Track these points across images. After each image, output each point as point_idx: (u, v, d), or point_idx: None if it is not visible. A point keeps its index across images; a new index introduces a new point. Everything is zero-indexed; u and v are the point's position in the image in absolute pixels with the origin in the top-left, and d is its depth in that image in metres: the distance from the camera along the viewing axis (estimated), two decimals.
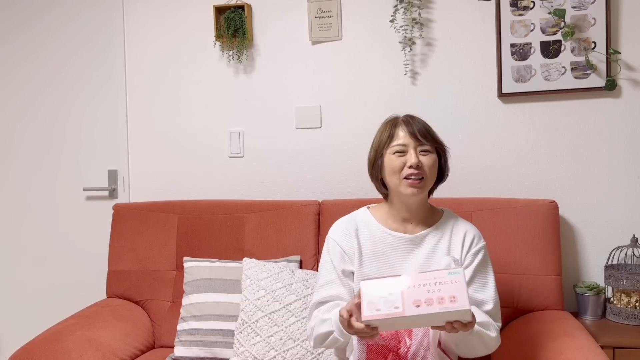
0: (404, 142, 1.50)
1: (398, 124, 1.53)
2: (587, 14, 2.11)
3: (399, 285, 1.21)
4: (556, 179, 2.19)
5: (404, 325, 1.27)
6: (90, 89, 2.60)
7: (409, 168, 1.47)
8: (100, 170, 2.61)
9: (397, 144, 1.50)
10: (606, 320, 2.03)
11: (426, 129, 1.52)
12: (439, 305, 1.16)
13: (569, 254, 2.17)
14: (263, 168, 2.44)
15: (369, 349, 1.38)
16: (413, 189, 1.48)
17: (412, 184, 1.48)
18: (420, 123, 1.53)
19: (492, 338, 1.40)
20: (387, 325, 1.23)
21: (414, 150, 1.49)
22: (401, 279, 1.22)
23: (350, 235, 1.55)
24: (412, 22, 2.24)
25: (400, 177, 1.49)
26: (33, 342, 1.84)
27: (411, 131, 1.50)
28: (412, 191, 1.48)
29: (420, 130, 1.51)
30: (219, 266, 2.07)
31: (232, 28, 2.36)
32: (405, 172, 1.48)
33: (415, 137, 1.50)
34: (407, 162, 1.48)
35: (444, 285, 1.18)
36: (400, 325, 1.27)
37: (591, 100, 2.15)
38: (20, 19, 2.65)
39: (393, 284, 1.21)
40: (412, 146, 1.49)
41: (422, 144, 1.50)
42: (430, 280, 1.20)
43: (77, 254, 2.62)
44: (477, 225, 1.69)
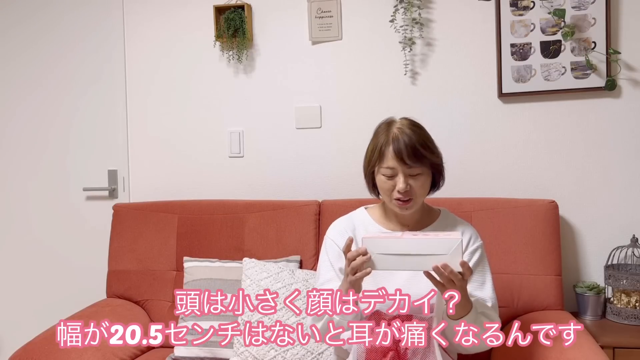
0: (392, 165, 1.45)
1: (388, 143, 1.46)
2: (587, 14, 2.11)
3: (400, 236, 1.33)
4: (556, 179, 2.19)
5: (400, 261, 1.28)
6: (90, 88, 2.60)
7: (398, 192, 1.46)
8: (100, 170, 2.61)
9: (386, 167, 1.46)
10: (606, 320, 2.03)
11: (416, 148, 1.43)
12: (435, 236, 1.30)
13: (569, 254, 2.17)
14: (263, 168, 2.44)
15: (369, 349, 1.38)
16: (402, 209, 1.49)
17: (401, 206, 1.48)
18: (411, 140, 1.44)
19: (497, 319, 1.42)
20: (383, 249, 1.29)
21: (402, 175, 1.44)
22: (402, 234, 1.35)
23: (348, 234, 1.55)
24: (412, 22, 2.24)
25: (390, 197, 1.48)
26: (33, 342, 1.84)
27: (399, 155, 1.43)
28: (402, 210, 1.49)
29: (409, 152, 1.42)
30: (219, 266, 2.07)
31: (232, 28, 2.36)
32: (394, 195, 1.47)
33: (403, 161, 1.43)
34: (396, 186, 1.45)
35: (440, 234, 1.35)
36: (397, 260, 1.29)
37: (591, 100, 2.15)
38: (19, 18, 2.64)
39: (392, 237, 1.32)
40: (400, 170, 1.44)
41: (410, 167, 1.44)
42: (430, 234, 1.36)
43: (77, 254, 2.62)
44: (477, 225, 1.69)
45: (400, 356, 1.39)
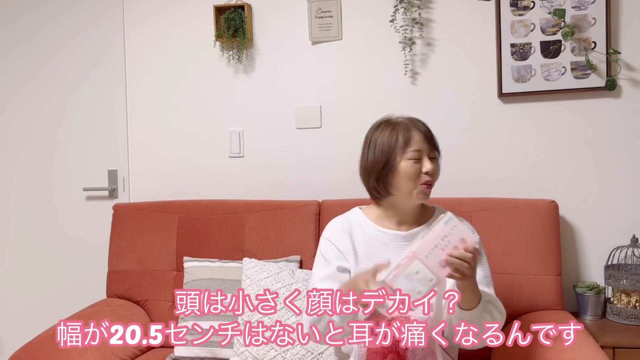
0: (419, 147, 1.48)
1: (410, 128, 1.50)
2: (587, 14, 2.11)
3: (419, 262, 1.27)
4: (556, 179, 2.19)
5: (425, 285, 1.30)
6: (90, 88, 2.60)
7: (426, 175, 1.47)
8: (100, 170, 2.61)
9: (413, 150, 1.47)
10: (606, 320, 2.03)
11: (432, 132, 1.52)
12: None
13: (569, 254, 2.17)
14: (263, 168, 2.44)
15: (369, 349, 1.38)
16: (425, 195, 1.50)
17: (426, 190, 1.49)
18: (427, 126, 1.52)
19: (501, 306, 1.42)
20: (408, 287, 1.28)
21: (427, 156, 1.48)
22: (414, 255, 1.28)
23: (344, 235, 1.56)
24: (412, 22, 2.24)
25: (416, 183, 1.48)
26: (33, 342, 1.84)
27: (427, 135, 1.49)
28: (424, 197, 1.50)
29: (430, 134, 1.51)
30: (219, 266, 2.08)
31: (232, 28, 2.36)
32: (422, 179, 1.47)
33: (429, 142, 1.49)
34: (423, 169, 1.47)
35: (449, 237, 1.28)
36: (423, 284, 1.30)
37: (591, 100, 2.15)
38: (16, 16, 2.64)
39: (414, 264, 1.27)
40: (425, 152, 1.48)
41: (432, 150, 1.50)
42: (437, 240, 1.28)
43: (77, 254, 2.62)
44: (477, 225, 1.69)
45: (400, 357, 1.39)
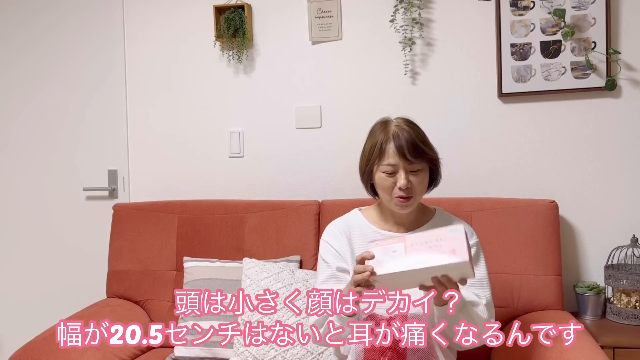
0: (393, 161, 1.45)
1: (388, 140, 1.47)
2: (587, 14, 2.11)
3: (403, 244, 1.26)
4: (556, 179, 2.19)
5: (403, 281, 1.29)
6: (90, 88, 2.60)
7: (399, 189, 1.46)
8: (100, 170, 2.61)
9: (386, 164, 1.46)
10: (606, 320, 2.03)
11: (416, 144, 1.46)
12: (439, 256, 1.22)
13: (569, 254, 2.17)
14: (263, 168, 2.44)
15: (367, 348, 1.38)
16: (401, 207, 1.49)
17: (402, 203, 1.47)
18: (411, 136, 1.46)
19: (482, 318, 1.40)
20: (388, 281, 1.27)
21: (403, 171, 1.45)
22: (405, 238, 1.27)
23: (342, 236, 1.57)
24: (412, 22, 2.24)
25: (391, 196, 1.48)
26: (33, 342, 1.84)
27: (400, 151, 1.44)
28: (402, 209, 1.49)
29: (410, 147, 1.44)
30: (219, 266, 2.08)
31: (232, 28, 2.36)
32: (395, 193, 1.47)
33: (404, 157, 1.44)
34: (397, 184, 1.46)
35: (443, 242, 1.24)
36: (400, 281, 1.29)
37: (591, 100, 2.15)
38: (20, 18, 2.64)
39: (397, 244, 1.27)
40: (401, 166, 1.45)
41: (411, 163, 1.45)
42: (431, 238, 1.25)
43: (77, 254, 2.62)
44: (476, 225, 1.69)
45: (399, 355, 1.39)
